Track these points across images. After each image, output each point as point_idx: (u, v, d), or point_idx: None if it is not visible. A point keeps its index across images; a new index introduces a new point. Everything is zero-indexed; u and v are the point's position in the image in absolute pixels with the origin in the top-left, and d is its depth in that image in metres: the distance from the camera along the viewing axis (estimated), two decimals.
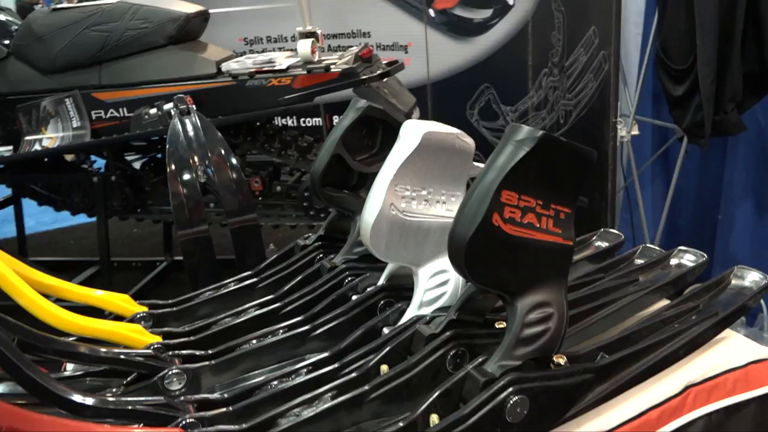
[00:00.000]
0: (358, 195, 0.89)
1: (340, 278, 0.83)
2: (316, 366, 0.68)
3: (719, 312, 0.71)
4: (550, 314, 0.59)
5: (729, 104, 1.52)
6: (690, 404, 0.69)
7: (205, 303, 0.87)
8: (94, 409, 0.56)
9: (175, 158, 1.18)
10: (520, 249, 0.57)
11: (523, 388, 0.57)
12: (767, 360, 0.73)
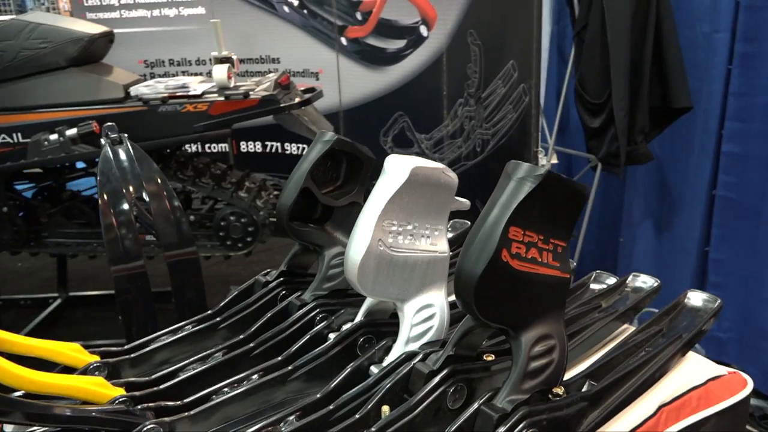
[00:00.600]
0: (324, 229, 0.87)
1: (311, 315, 0.80)
2: (308, 410, 0.65)
3: (683, 335, 0.76)
4: (552, 346, 0.60)
5: (639, 135, 1.66)
6: (663, 423, 0.72)
7: (164, 347, 0.81)
8: None
9: (108, 189, 1.10)
10: (525, 284, 0.59)
11: (534, 421, 0.58)
12: (722, 376, 0.79)
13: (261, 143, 3.18)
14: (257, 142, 3.18)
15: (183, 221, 1.18)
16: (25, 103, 2.04)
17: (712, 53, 1.75)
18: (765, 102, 1.67)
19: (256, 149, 3.19)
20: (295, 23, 2.88)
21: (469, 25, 2.19)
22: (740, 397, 0.79)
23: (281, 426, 0.64)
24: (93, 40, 2.10)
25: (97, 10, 3.03)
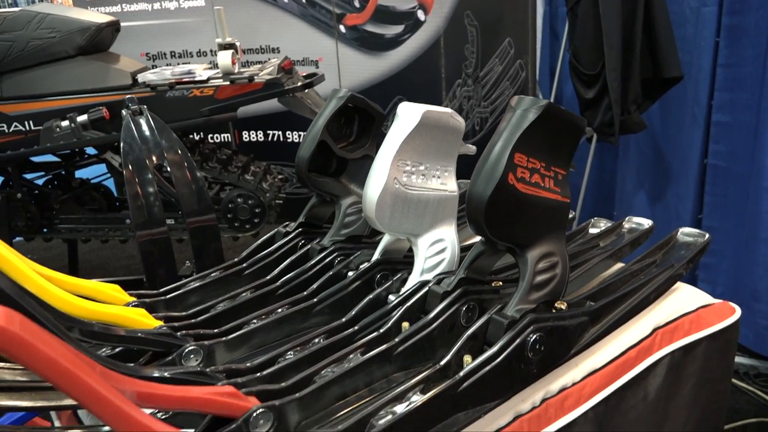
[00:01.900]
0: (340, 180, 0.94)
1: (331, 258, 0.87)
2: (333, 332, 0.72)
3: (674, 264, 0.83)
4: (555, 262, 0.67)
5: (632, 105, 1.72)
6: (658, 344, 0.79)
7: (194, 291, 0.87)
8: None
9: (132, 159, 1.16)
10: (529, 205, 0.65)
11: (540, 327, 0.64)
12: (712, 305, 0.86)
13: (263, 132, 3.24)
14: (259, 131, 3.24)
15: (203, 189, 1.24)
16: (35, 91, 2.10)
17: (700, 26, 1.82)
18: (751, 72, 1.74)
19: (258, 138, 3.25)
20: (294, 13, 2.94)
21: (465, 7, 2.25)
22: (729, 323, 0.85)
23: (310, 344, 0.70)
24: (100, 29, 2.16)
25: (98, 4, 3.09)
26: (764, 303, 1.70)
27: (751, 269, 1.76)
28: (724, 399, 0.95)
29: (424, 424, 0.58)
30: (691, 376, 0.84)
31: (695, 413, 0.87)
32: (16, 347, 0.38)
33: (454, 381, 0.60)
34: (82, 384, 0.40)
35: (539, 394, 0.68)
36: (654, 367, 0.79)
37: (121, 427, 0.42)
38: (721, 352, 0.87)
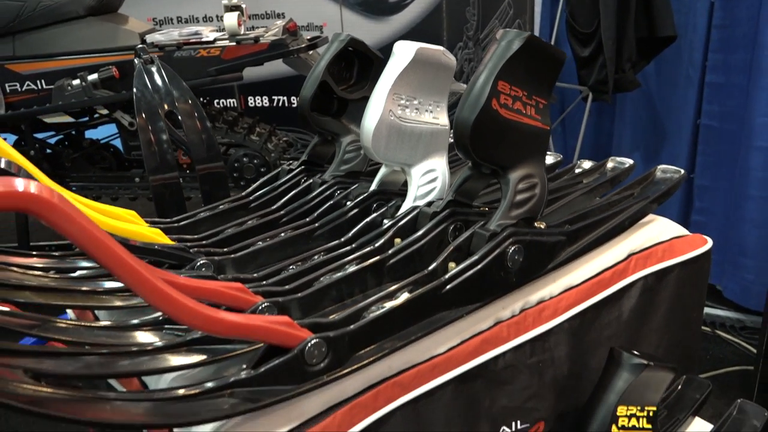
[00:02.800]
0: (340, 120, 1.00)
1: (331, 190, 0.93)
2: (331, 250, 0.78)
3: (650, 195, 0.89)
4: (535, 183, 0.73)
5: (626, 64, 1.77)
6: (632, 268, 0.85)
7: (204, 220, 0.94)
8: None
9: (144, 107, 1.22)
10: (511, 130, 0.71)
11: (519, 239, 0.70)
12: (685, 236, 0.92)
13: (268, 97, 3.29)
14: (264, 97, 3.29)
15: (212, 138, 1.31)
16: (46, 51, 2.15)
17: None
18: (744, 33, 1.77)
19: (264, 103, 3.30)
20: None
21: None
22: (701, 252, 0.92)
23: (310, 260, 0.77)
24: None
25: None
26: (751, 258, 1.76)
27: (740, 226, 1.81)
28: (696, 327, 1.02)
29: (411, 318, 0.65)
30: (664, 301, 0.91)
31: (668, 338, 0.94)
32: (56, 214, 0.44)
33: (439, 282, 0.66)
34: (114, 253, 0.47)
35: (518, 304, 0.75)
36: (628, 290, 0.85)
37: (155, 299, 0.48)
38: (692, 281, 0.93)
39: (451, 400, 0.69)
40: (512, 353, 0.73)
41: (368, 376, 0.63)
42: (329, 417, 0.59)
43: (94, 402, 0.48)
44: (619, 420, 0.73)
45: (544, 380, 0.77)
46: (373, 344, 0.62)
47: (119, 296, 0.73)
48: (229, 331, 0.52)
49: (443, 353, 0.67)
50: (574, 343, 0.79)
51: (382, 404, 0.63)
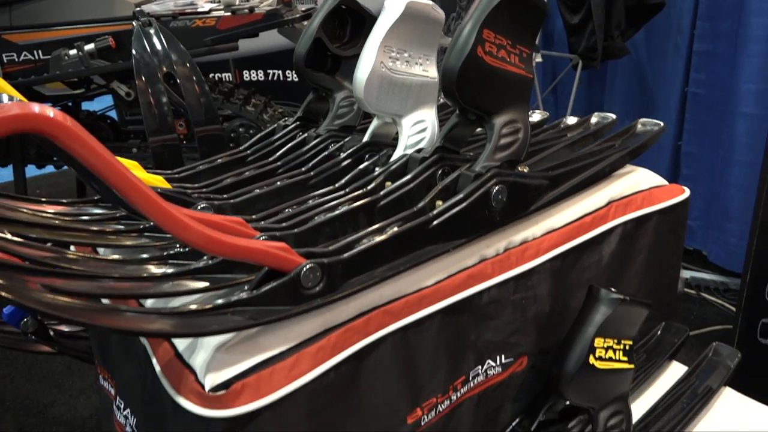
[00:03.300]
0: (334, 76, 1.03)
1: (326, 143, 0.97)
2: (325, 195, 0.82)
3: (630, 146, 0.93)
4: (518, 128, 0.77)
5: (615, 31, 1.80)
6: (612, 214, 0.90)
7: (203, 172, 0.98)
8: None
9: (144, 69, 1.25)
10: (496, 76, 0.75)
11: (502, 180, 0.75)
12: (664, 186, 0.97)
13: (263, 71, 3.31)
14: (260, 71, 3.31)
15: (211, 101, 1.34)
16: (42, 21, 2.17)
17: None
18: (732, 1, 1.80)
19: (259, 77, 3.32)
20: None
21: None
22: (678, 200, 0.96)
23: (305, 204, 0.81)
24: None
25: None
26: (735, 222, 1.81)
27: (725, 191, 1.86)
28: (674, 275, 1.07)
29: (400, 250, 0.69)
30: (643, 248, 0.95)
31: (647, 284, 0.98)
32: (70, 136, 0.48)
33: (427, 218, 0.71)
34: (125, 176, 0.51)
35: (502, 243, 0.79)
36: (608, 235, 0.90)
37: (161, 219, 0.52)
38: (670, 229, 0.98)
39: (438, 330, 0.73)
40: (496, 289, 0.77)
41: (360, 304, 0.67)
42: (324, 338, 0.64)
43: (109, 312, 0.52)
44: (596, 351, 0.78)
45: (527, 317, 0.82)
46: (365, 273, 0.66)
47: (127, 236, 0.77)
48: (231, 251, 0.56)
49: (431, 286, 0.72)
50: (555, 283, 0.84)
51: (374, 330, 0.67)
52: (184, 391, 0.59)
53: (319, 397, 0.63)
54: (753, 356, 1.44)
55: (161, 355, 0.64)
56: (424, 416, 0.75)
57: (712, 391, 0.95)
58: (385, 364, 0.69)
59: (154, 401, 0.67)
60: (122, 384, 0.79)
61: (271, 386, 0.59)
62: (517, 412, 0.87)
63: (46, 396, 1.69)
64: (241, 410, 0.58)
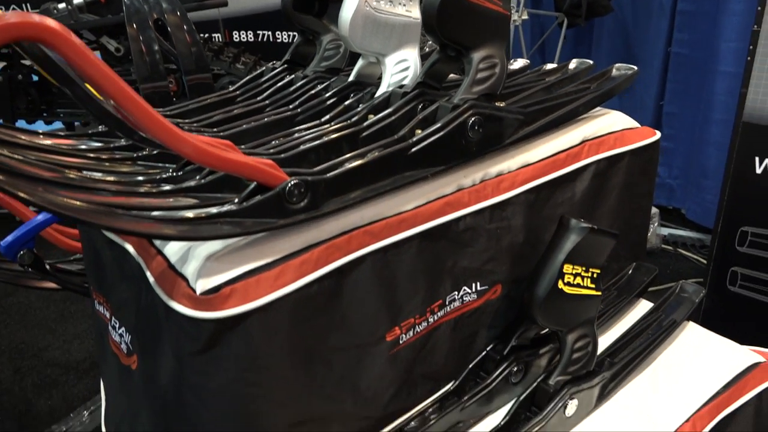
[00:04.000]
0: (321, 20, 1.06)
1: (313, 83, 1.00)
2: (309, 128, 0.86)
3: (605, 88, 0.97)
4: (495, 63, 0.81)
5: None
6: (586, 152, 0.94)
7: (193, 110, 1.01)
8: None
9: (134, 16, 1.27)
10: (475, 13, 0.78)
11: (479, 111, 0.79)
12: (636, 128, 1.01)
13: (253, 32, 3.30)
14: (249, 31, 3.30)
15: (201, 50, 1.36)
16: None
17: None
18: None
19: (249, 38, 3.32)
20: None
21: None
22: (649, 141, 1.01)
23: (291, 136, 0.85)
24: None
25: None
26: (711, 179, 1.86)
27: (703, 149, 1.91)
28: (645, 217, 1.12)
29: (381, 173, 0.73)
30: (615, 187, 1.00)
31: (618, 224, 1.03)
32: (69, 46, 0.51)
33: (407, 144, 0.75)
34: (122, 87, 0.54)
35: (479, 174, 0.83)
36: (581, 172, 0.94)
37: (154, 130, 0.56)
38: (641, 169, 1.03)
39: (416, 254, 0.78)
40: (472, 217, 0.82)
41: (342, 223, 0.71)
42: (308, 253, 0.68)
43: (109, 213, 0.56)
44: (565, 276, 0.83)
45: (502, 246, 0.87)
46: (347, 194, 0.70)
47: (122, 164, 0.81)
48: (221, 164, 0.60)
49: (410, 210, 0.76)
50: (529, 216, 0.89)
51: (355, 248, 0.72)
52: (177, 296, 0.64)
53: (302, 308, 0.68)
54: (722, 303, 1.50)
55: (154, 268, 0.69)
56: (403, 335, 0.80)
57: (676, 323, 1.01)
58: (365, 281, 0.74)
59: (148, 313, 0.72)
60: (117, 305, 0.83)
61: (257, 292, 0.64)
62: (491, 339, 0.92)
63: (41, 341, 1.74)
64: (230, 312, 0.62)
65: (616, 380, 0.92)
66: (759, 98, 1.28)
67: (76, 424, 1.43)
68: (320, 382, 0.73)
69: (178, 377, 0.69)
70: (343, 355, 0.75)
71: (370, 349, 0.77)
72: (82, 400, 1.51)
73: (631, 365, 0.93)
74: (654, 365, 0.96)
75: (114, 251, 0.80)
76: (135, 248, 0.74)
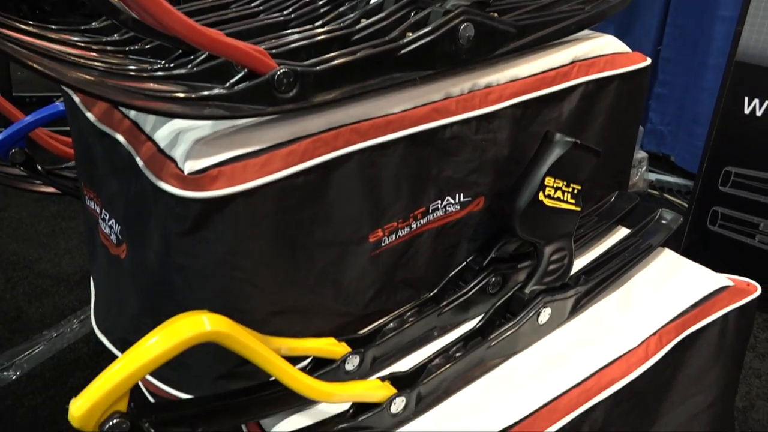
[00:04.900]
0: None
1: None
2: (301, 31, 0.86)
3: (599, 8, 0.97)
4: None
5: None
6: (575, 73, 0.95)
7: (188, 13, 1.00)
8: None
9: None
10: None
11: (470, 18, 0.79)
12: (627, 53, 1.02)
13: None
14: None
15: None
16: None
17: None
18: None
19: None
20: None
21: None
22: (640, 66, 1.02)
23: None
24: None
25: None
26: (702, 126, 1.87)
27: (697, 95, 1.92)
28: (630, 146, 1.14)
29: (369, 72, 0.74)
30: (602, 111, 1.01)
31: (603, 148, 1.04)
32: None
33: (397, 45, 0.75)
34: None
35: (467, 84, 0.84)
36: (570, 92, 0.96)
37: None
38: (630, 95, 1.04)
39: (402, 157, 0.80)
40: (459, 126, 0.83)
41: (330, 119, 0.73)
42: (295, 144, 0.70)
43: (101, 84, 0.57)
44: (546, 189, 0.85)
45: (486, 158, 0.89)
46: (336, 88, 0.71)
47: (113, 56, 0.81)
48: (211, 44, 0.61)
49: (397, 113, 0.78)
50: (516, 131, 0.90)
51: (342, 145, 0.73)
52: (165, 177, 0.65)
53: (288, 197, 0.70)
54: (702, 242, 1.54)
55: (144, 152, 0.70)
56: (385, 238, 0.83)
57: (652, 247, 1.04)
58: (351, 180, 0.75)
59: (137, 200, 0.74)
60: (107, 198, 0.85)
61: (244, 177, 0.66)
62: (472, 251, 0.95)
63: (32, 254, 1.76)
64: (216, 193, 0.64)
65: (589, 296, 0.95)
66: (753, 37, 1.28)
67: (67, 331, 1.47)
68: (303, 273, 0.76)
69: (165, 260, 0.71)
70: (327, 250, 0.77)
71: (352, 247, 0.80)
72: (73, 310, 1.55)
73: (605, 283, 0.96)
74: (627, 285, 1.00)
75: (105, 144, 0.81)
76: (125, 137, 0.75)
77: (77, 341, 1.45)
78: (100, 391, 0.54)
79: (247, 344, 0.60)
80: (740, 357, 1.05)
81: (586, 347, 0.88)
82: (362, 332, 0.85)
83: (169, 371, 0.78)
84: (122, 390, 0.55)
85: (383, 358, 0.84)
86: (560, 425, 0.79)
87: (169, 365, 0.77)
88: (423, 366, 0.80)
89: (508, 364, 0.86)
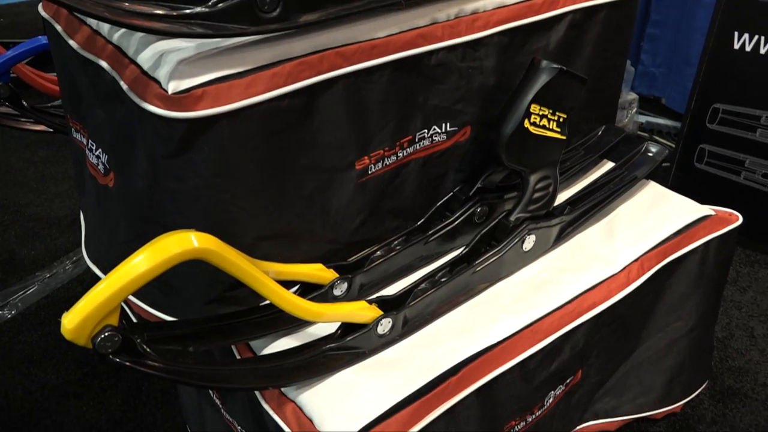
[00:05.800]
0: None
1: None
2: None
3: None
4: None
5: None
6: (563, 1, 0.93)
7: None
8: None
9: None
10: None
11: None
12: None
13: None
14: None
15: None
16: None
17: None
18: None
19: None
20: None
21: None
22: None
23: None
24: None
25: None
26: (694, 66, 1.86)
27: (689, 35, 1.90)
28: (618, 78, 1.14)
29: None
30: (590, 41, 1.01)
31: (591, 81, 1.05)
32: None
33: None
34: None
35: (454, 10, 0.84)
36: (557, 21, 0.95)
37: None
38: (618, 26, 1.03)
39: (388, 83, 0.79)
40: (445, 53, 0.83)
41: (315, 42, 0.72)
42: (279, 66, 0.69)
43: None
44: (531, 116, 0.85)
45: (473, 86, 0.88)
46: (320, 9, 0.71)
47: None
48: None
49: (383, 38, 0.77)
50: (502, 60, 0.90)
51: (327, 69, 0.73)
52: (149, 98, 0.65)
53: (273, 120, 0.70)
54: (690, 180, 1.55)
55: (128, 75, 0.70)
56: (372, 165, 0.84)
57: (637, 179, 1.05)
58: (336, 105, 0.76)
59: (122, 126, 0.74)
60: (93, 128, 0.85)
61: (229, 97, 0.66)
62: (459, 182, 0.96)
63: (22, 198, 1.76)
64: (201, 113, 0.64)
65: (574, 225, 0.97)
66: None
67: (60, 271, 1.48)
68: (290, 199, 0.77)
69: (153, 183, 0.72)
70: (313, 175, 0.78)
71: (339, 174, 0.80)
72: (65, 252, 1.56)
73: (589, 213, 0.98)
74: (612, 215, 1.01)
75: (89, 72, 0.80)
76: (109, 62, 0.74)
77: (71, 281, 1.46)
78: (91, 305, 0.55)
79: (234, 262, 0.61)
80: (720, 286, 1.08)
81: (569, 273, 0.90)
82: (350, 260, 0.86)
83: (160, 296, 0.80)
84: (112, 304, 0.56)
85: (370, 285, 0.86)
86: (542, 345, 0.82)
87: (159, 290, 0.80)
88: (409, 290, 0.82)
89: (492, 289, 0.88)
